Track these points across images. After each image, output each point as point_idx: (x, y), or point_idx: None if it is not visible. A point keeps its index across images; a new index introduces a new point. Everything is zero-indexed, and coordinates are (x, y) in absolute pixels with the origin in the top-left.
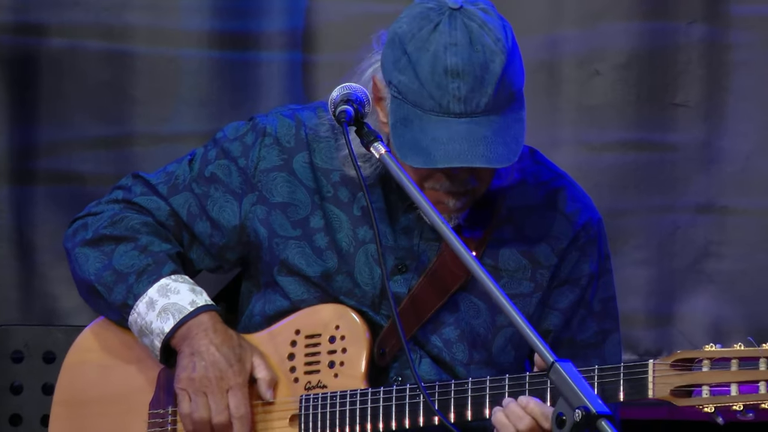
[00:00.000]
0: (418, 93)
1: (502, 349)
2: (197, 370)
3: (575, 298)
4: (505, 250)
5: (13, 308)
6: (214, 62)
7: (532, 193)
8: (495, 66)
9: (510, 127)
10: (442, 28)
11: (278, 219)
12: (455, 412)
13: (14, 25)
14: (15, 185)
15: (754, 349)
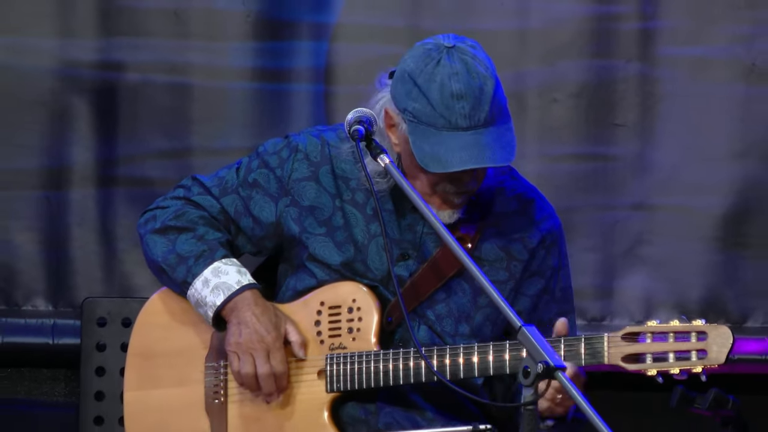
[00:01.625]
0: (430, 115)
1: (482, 324)
2: (243, 335)
3: (541, 286)
4: (488, 244)
5: (98, 285)
6: (255, 92)
7: (509, 203)
8: (488, 88)
9: (504, 134)
10: (444, 62)
11: (307, 219)
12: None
13: (99, 63)
14: (99, 188)
15: (687, 325)
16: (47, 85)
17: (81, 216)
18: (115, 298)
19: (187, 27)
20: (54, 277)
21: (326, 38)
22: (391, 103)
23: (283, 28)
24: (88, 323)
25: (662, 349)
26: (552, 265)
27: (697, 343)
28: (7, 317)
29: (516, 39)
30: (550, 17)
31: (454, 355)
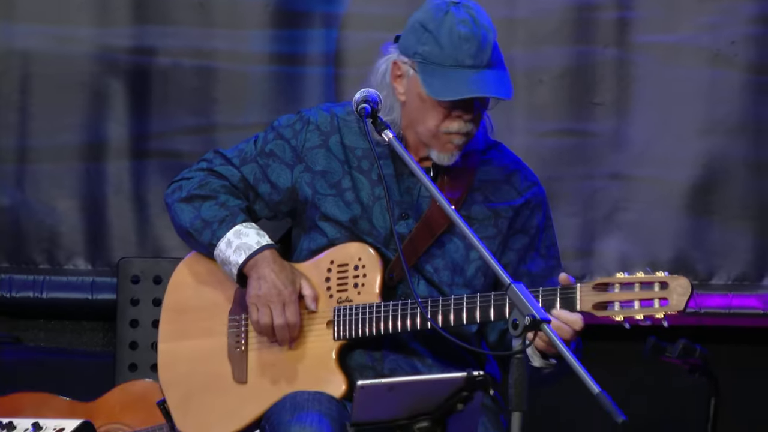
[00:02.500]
0: (439, 55)
1: (474, 275)
2: (262, 289)
3: (526, 242)
4: (476, 206)
5: (132, 246)
6: (272, 74)
7: (495, 173)
8: (491, 37)
9: (503, 77)
10: (452, 11)
11: (319, 182)
12: (442, 319)
13: (133, 48)
14: (133, 160)
15: (650, 276)
16: (87, 69)
17: (117, 185)
18: (148, 258)
19: (211, 16)
20: (93, 239)
21: (336, 26)
22: (399, 56)
23: (298, 17)
24: (124, 280)
25: (628, 297)
26: (537, 225)
27: (659, 292)
28: (51, 275)
29: (505, 26)
30: (535, 7)
31: (446, 306)
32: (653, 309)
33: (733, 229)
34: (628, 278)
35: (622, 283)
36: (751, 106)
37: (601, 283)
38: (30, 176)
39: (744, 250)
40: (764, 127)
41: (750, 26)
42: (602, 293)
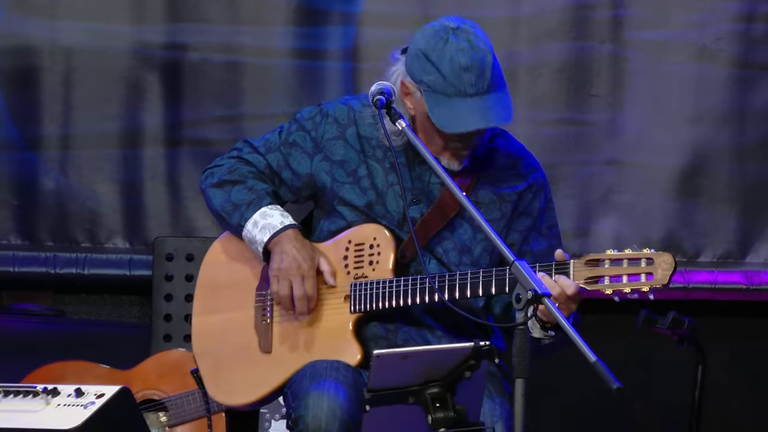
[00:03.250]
0: (443, 85)
1: (481, 255)
2: (284, 262)
3: (529, 224)
4: (483, 191)
5: (166, 226)
6: (295, 68)
7: (501, 160)
8: (489, 60)
9: (503, 99)
10: (451, 41)
11: (337, 171)
12: (448, 294)
13: (167, 44)
14: (167, 148)
15: (637, 253)
16: (125, 64)
17: (152, 170)
18: (181, 237)
19: (239, 15)
20: (130, 220)
21: (354, 24)
22: (406, 76)
23: (319, 15)
24: (159, 258)
25: (617, 272)
26: (539, 207)
27: (645, 268)
28: (92, 253)
29: (509, 24)
30: (537, 6)
31: (453, 281)
32: (640, 283)
33: (719, 210)
34: (617, 255)
35: (611, 259)
36: (735, 98)
37: (593, 259)
38: (73, 162)
39: (728, 230)
40: (747, 117)
41: (734, 24)
42: (593, 268)
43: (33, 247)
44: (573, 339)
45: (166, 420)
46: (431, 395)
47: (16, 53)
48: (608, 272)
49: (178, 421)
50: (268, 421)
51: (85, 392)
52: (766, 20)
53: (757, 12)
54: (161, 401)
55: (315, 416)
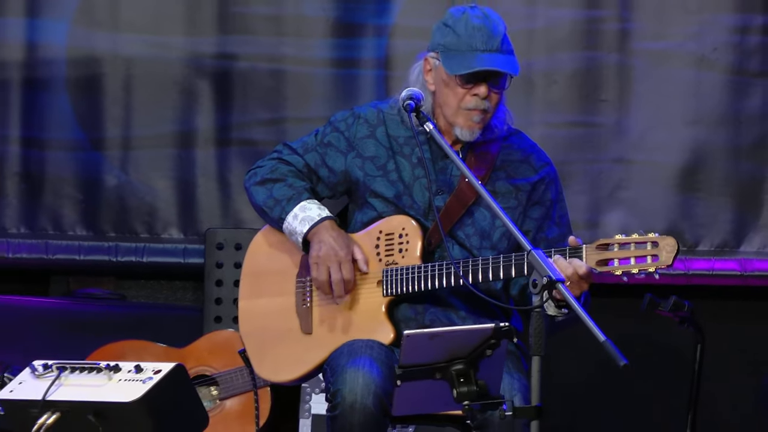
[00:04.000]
0: (457, 43)
1: (499, 240)
2: (322, 250)
3: (543, 213)
4: (499, 182)
5: (216, 219)
6: (332, 76)
7: (515, 155)
8: (500, 29)
9: (511, 60)
10: (468, 11)
11: (369, 166)
12: (472, 277)
13: (218, 54)
14: (218, 148)
15: (644, 237)
16: (179, 72)
17: (204, 168)
18: (230, 229)
19: (282, 28)
20: (184, 213)
21: (386, 36)
22: (428, 52)
23: (354, 28)
24: (210, 247)
25: (625, 255)
26: (551, 198)
27: (651, 250)
28: (150, 243)
29: (525, 36)
30: (550, 20)
31: (475, 265)
32: (646, 264)
33: (715, 204)
34: (625, 239)
35: (620, 243)
36: (730, 102)
37: (603, 244)
38: (132, 161)
39: (724, 221)
40: (741, 120)
41: (729, 35)
42: (603, 252)
43: (97, 237)
44: (583, 320)
45: (216, 394)
46: (456, 371)
47: (81, 63)
48: (617, 255)
49: (227, 395)
50: (308, 395)
51: (144, 368)
52: (759, 32)
53: (751, 25)
54: (212, 377)
55: (351, 390)
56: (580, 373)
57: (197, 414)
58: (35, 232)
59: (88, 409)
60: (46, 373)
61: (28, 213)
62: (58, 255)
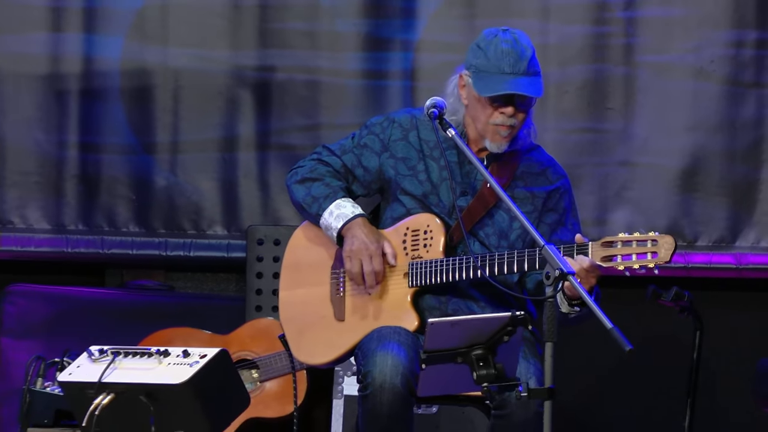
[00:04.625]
0: (487, 65)
1: (516, 240)
2: (354, 244)
3: (556, 219)
4: (519, 189)
5: (257, 216)
6: (364, 86)
7: (534, 167)
8: (527, 54)
9: (535, 83)
10: (500, 35)
11: (400, 166)
12: (489, 270)
13: (258, 66)
14: (258, 151)
15: (644, 235)
16: (223, 82)
17: (246, 170)
18: (269, 226)
19: (317, 42)
20: (228, 211)
21: (412, 50)
22: (463, 69)
23: (383, 42)
24: (251, 242)
25: (627, 252)
26: (564, 206)
27: (651, 247)
28: (196, 239)
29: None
30: (562, 36)
31: (492, 259)
32: (646, 260)
33: (713, 203)
34: (627, 237)
35: (623, 241)
36: (726, 110)
37: (607, 241)
38: (180, 163)
39: (721, 219)
40: (736, 126)
41: (725, 49)
42: (608, 249)
43: (148, 233)
44: (592, 308)
45: (257, 376)
46: (476, 356)
47: (134, 75)
48: (620, 252)
49: (267, 377)
50: (341, 377)
51: (191, 353)
52: (753, 46)
53: (745, 39)
54: (253, 360)
55: (381, 371)
56: (589, 358)
57: (239, 395)
58: (92, 228)
59: (140, 390)
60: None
61: (85, 211)
62: (113, 250)
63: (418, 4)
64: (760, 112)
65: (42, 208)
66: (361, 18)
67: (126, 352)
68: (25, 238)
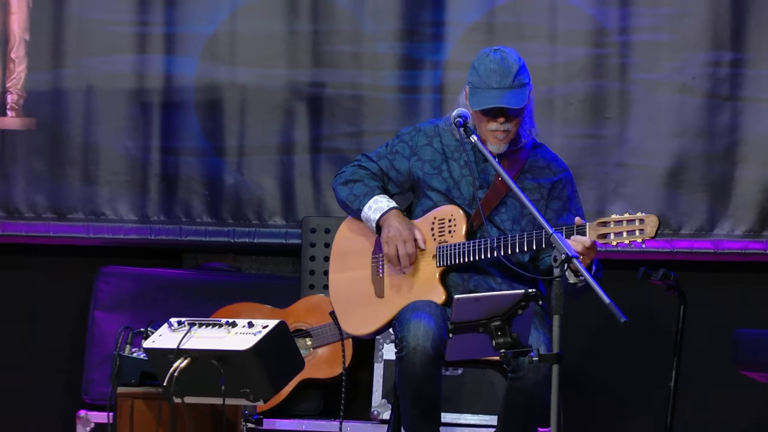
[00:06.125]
0: (478, 82)
1: (527, 225)
2: (390, 232)
3: (560, 206)
4: (527, 181)
5: (310, 209)
6: (399, 100)
7: (540, 162)
8: (512, 70)
9: (519, 95)
10: (491, 55)
11: (427, 167)
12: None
13: (311, 83)
14: (311, 154)
15: (633, 215)
16: (281, 96)
17: (301, 170)
18: (320, 217)
19: (361, 62)
20: (286, 204)
21: (440, 68)
22: (466, 85)
23: (416, 62)
24: (305, 231)
25: (619, 230)
26: (567, 195)
27: (638, 225)
28: (259, 228)
29: (548, 68)
30: (568, 56)
31: (506, 240)
32: (635, 236)
33: (694, 198)
34: (618, 217)
35: (615, 221)
36: (705, 120)
37: (602, 222)
38: (246, 164)
39: (701, 211)
40: (713, 132)
41: (705, 68)
42: (602, 228)
43: (219, 224)
44: (592, 286)
45: (310, 343)
46: (495, 326)
47: (207, 89)
48: (613, 230)
49: (318, 345)
50: (381, 345)
51: (255, 324)
52: (727, 65)
53: (721, 60)
54: (307, 330)
55: (414, 336)
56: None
57: (295, 359)
58: (171, 219)
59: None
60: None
61: (166, 205)
62: (189, 237)
63: (445, 30)
64: (734, 121)
65: (130, 202)
66: (398, 42)
67: (200, 323)
68: (116, 227)
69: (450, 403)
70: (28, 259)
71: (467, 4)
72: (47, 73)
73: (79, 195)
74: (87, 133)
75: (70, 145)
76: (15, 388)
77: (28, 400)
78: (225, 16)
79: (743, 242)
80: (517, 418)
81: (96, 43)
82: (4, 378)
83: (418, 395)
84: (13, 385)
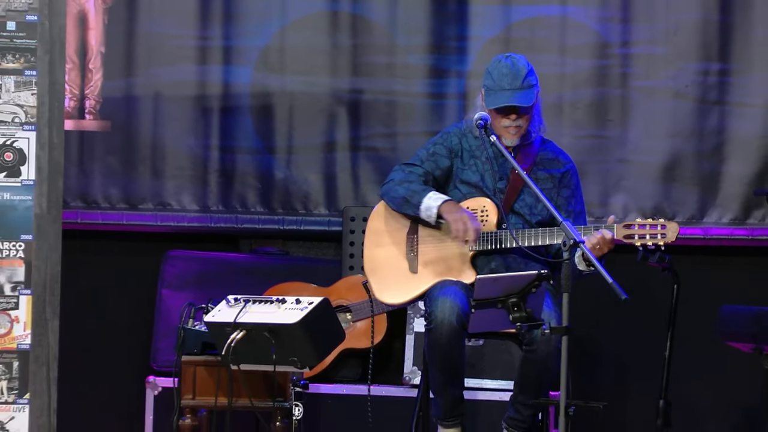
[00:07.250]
0: (492, 84)
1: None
2: (458, 213)
3: (569, 193)
4: (540, 172)
5: (350, 200)
6: (428, 105)
7: (549, 155)
8: (522, 74)
9: (527, 95)
10: (503, 61)
11: (458, 163)
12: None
13: (351, 89)
14: (351, 152)
15: (657, 221)
16: (325, 101)
17: (342, 166)
18: (359, 207)
19: (395, 72)
20: (329, 196)
21: (464, 77)
22: (482, 89)
23: (443, 72)
24: (346, 219)
25: (643, 232)
26: (575, 183)
27: (661, 231)
28: (306, 216)
29: (558, 77)
30: (575, 67)
31: (527, 233)
32: (657, 239)
33: (686, 190)
34: (644, 221)
35: (640, 224)
36: (696, 122)
37: (628, 224)
38: (294, 161)
39: (692, 202)
40: (704, 134)
41: (696, 77)
42: (628, 229)
43: (270, 213)
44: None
45: (350, 318)
46: (511, 302)
47: (260, 96)
48: (638, 232)
49: (357, 319)
50: (412, 318)
51: (302, 301)
52: (715, 74)
53: (710, 69)
54: (348, 306)
55: (441, 311)
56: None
57: (337, 331)
58: (229, 209)
59: (264, 328)
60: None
61: (224, 196)
62: (244, 225)
63: (468, 44)
64: (722, 123)
65: (192, 194)
66: (427, 54)
67: (254, 300)
68: (180, 216)
69: (472, 369)
70: (103, 244)
71: (487, 20)
72: (120, 82)
73: (148, 188)
74: (155, 134)
75: (140, 145)
76: (93, 357)
77: (104, 368)
78: (275, 31)
79: (729, 229)
80: (531, 384)
81: (163, 55)
82: (83, 348)
83: (444, 363)
84: (91, 354)
